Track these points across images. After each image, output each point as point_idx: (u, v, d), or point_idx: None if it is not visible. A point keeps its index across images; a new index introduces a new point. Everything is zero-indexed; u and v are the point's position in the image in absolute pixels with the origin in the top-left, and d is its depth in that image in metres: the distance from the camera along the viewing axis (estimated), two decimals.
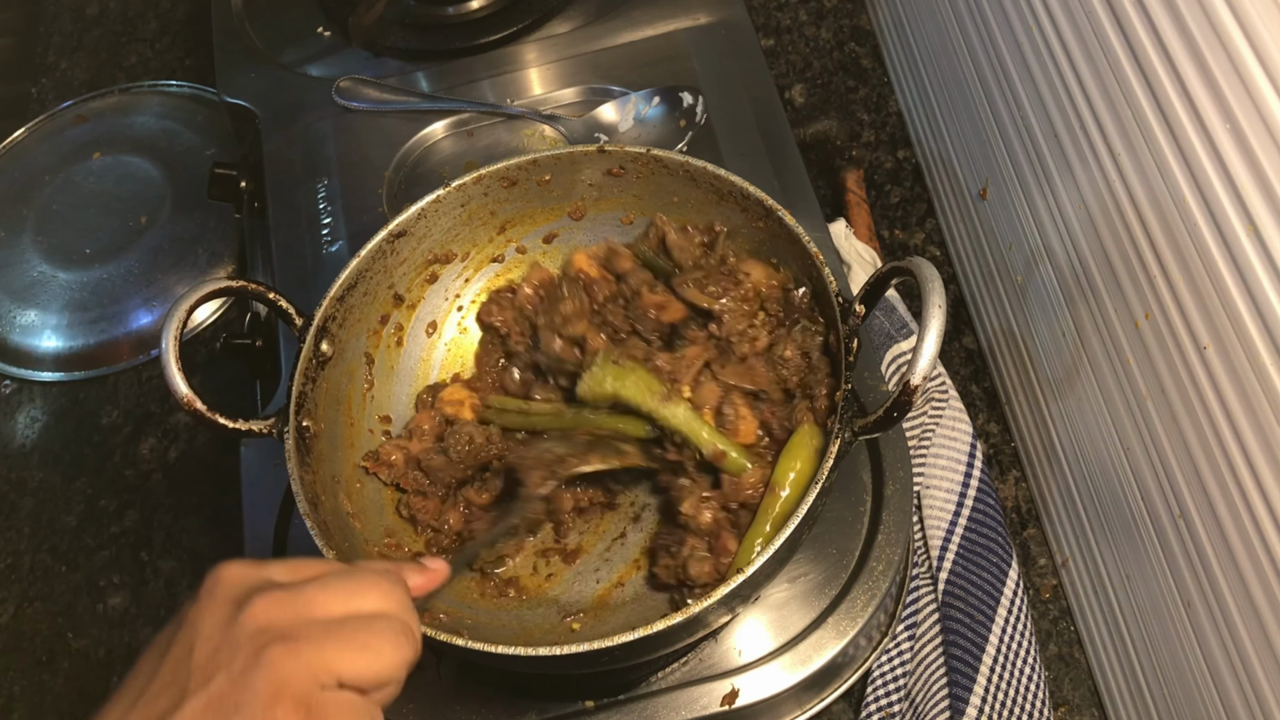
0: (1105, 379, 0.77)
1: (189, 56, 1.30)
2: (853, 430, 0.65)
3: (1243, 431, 0.60)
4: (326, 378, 0.74)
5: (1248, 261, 0.57)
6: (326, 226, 0.94)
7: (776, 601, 0.76)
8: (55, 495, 1.03)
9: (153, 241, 1.14)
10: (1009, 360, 0.95)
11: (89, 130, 1.23)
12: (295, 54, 1.07)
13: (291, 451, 0.69)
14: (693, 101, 0.95)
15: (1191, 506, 0.67)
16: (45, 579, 0.99)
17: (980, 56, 0.90)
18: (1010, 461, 0.97)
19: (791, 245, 0.74)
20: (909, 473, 0.79)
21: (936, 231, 1.08)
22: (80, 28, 1.35)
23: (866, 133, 1.15)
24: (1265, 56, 0.54)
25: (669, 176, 0.78)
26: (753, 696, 0.73)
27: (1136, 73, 0.65)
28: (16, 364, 1.10)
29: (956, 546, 0.87)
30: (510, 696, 0.74)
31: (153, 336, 1.09)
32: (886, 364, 0.93)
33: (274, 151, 1.00)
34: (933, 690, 0.83)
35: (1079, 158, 0.75)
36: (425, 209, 0.78)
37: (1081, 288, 0.78)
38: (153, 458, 1.05)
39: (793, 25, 1.23)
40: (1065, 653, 0.89)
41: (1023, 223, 0.87)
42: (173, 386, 0.67)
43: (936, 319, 0.60)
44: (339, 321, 0.75)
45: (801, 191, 0.91)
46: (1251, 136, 0.55)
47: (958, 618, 0.85)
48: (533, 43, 1.04)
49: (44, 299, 1.12)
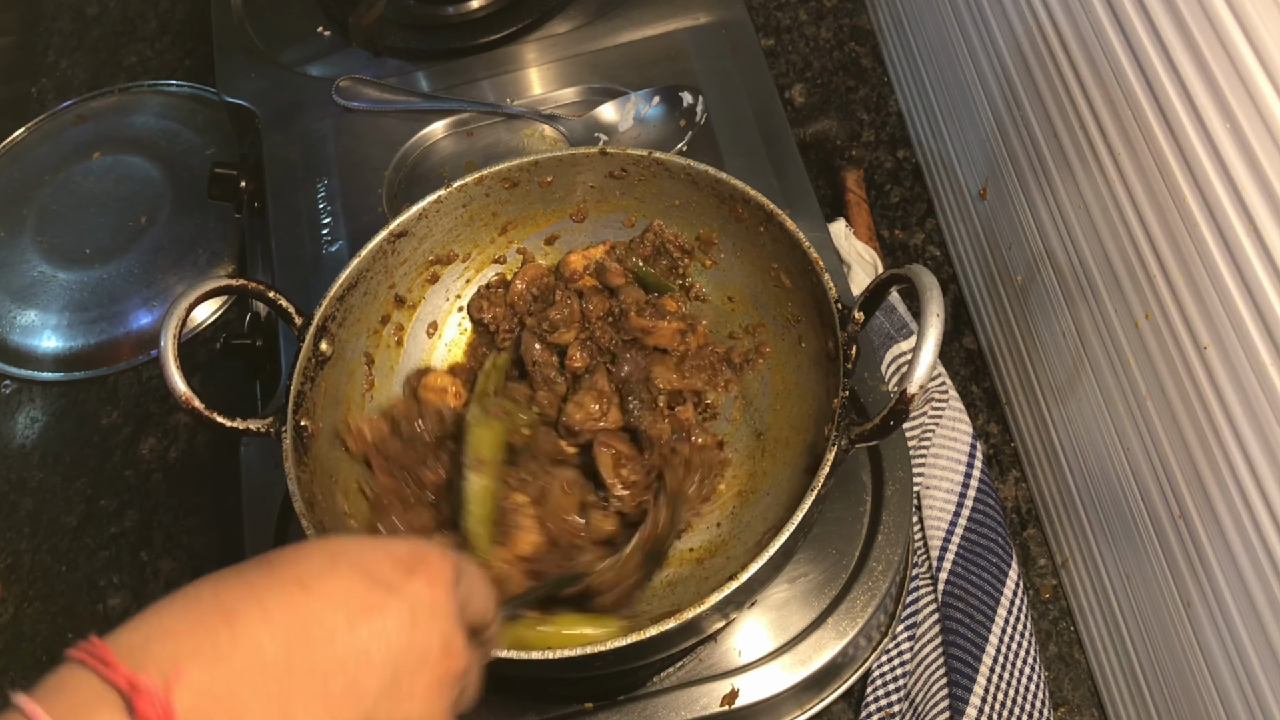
0: (1105, 379, 0.77)
1: (189, 56, 1.30)
2: (849, 438, 0.65)
3: (1243, 431, 0.60)
4: (325, 377, 0.74)
5: (1248, 261, 0.57)
6: (326, 226, 0.94)
7: (776, 602, 0.76)
8: (55, 495, 1.03)
9: (153, 241, 1.14)
10: (1009, 360, 0.95)
11: (89, 130, 1.23)
12: (295, 54, 1.07)
13: (289, 451, 0.69)
14: (693, 101, 0.95)
15: (1191, 506, 0.67)
16: (45, 579, 0.99)
17: (980, 56, 0.90)
18: (1010, 462, 0.97)
19: (791, 250, 0.74)
20: (909, 473, 0.78)
21: (936, 231, 1.08)
22: (80, 28, 1.35)
23: (866, 133, 1.15)
24: (1265, 56, 0.54)
25: (670, 179, 0.78)
26: (752, 697, 0.73)
27: (1136, 73, 0.65)
28: (16, 364, 1.10)
29: (956, 547, 0.87)
30: (510, 697, 0.74)
31: (153, 336, 1.09)
32: (886, 364, 0.93)
33: (274, 151, 1.00)
34: (933, 690, 0.83)
35: (1079, 158, 0.75)
36: (426, 209, 0.78)
37: (1081, 288, 0.78)
38: (153, 458, 1.05)
39: (793, 25, 1.22)
40: (1065, 653, 0.89)
41: (1023, 223, 0.87)
42: (171, 385, 0.67)
43: (934, 328, 0.60)
44: (339, 321, 0.75)
45: (801, 191, 0.91)
46: (1251, 136, 0.55)
47: (958, 618, 0.85)
48: (533, 42, 1.04)
49: (44, 299, 1.12)
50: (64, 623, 0.97)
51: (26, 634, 0.97)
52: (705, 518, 0.75)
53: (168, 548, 1.00)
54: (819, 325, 0.73)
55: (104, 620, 0.96)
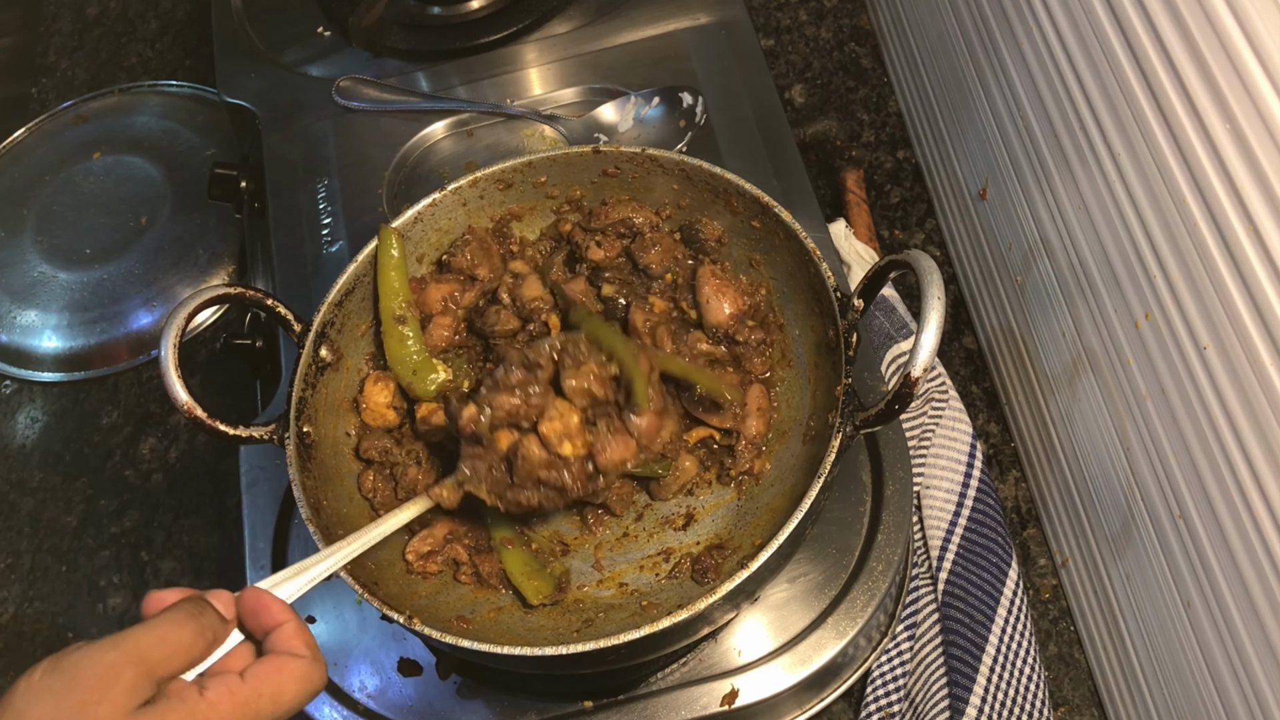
0: (1105, 379, 0.77)
1: (189, 56, 1.30)
2: (854, 424, 0.65)
3: (1243, 431, 0.60)
4: (326, 383, 0.74)
5: (1248, 261, 0.57)
6: (326, 227, 0.94)
7: (776, 601, 0.76)
8: (55, 495, 1.04)
9: (153, 242, 1.14)
10: (1009, 360, 0.95)
11: (89, 130, 1.23)
12: (295, 54, 1.07)
13: (293, 458, 0.68)
14: (692, 101, 0.95)
15: (1191, 506, 0.67)
16: (45, 579, 0.99)
17: (980, 56, 0.90)
18: (1010, 461, 0.97)
19: (789, 242, 0.74)
20: (909, 473, 0.79)
21: (936, 231, 1.08)
22: (80, 28, 1.35)
23: (866, 133, 1.15)
24: (1265, 56, 0.54)
25: (664, 175, 0.78)
26: (753, 696, 0.73)
27: (1136, 73, 0.65)
28: (16, 364, 1.10)
29: (956, 546, 0.87)
30: (510, 696, 0.74)
31: (153, 337, 1.09)
32: (886, 364, 0.93)
33: (274, 151, 1.00)
34: (933, 690, 0.83)
35: (1079, 158, 0.75)
36: (421, 213, 0.79)
37: (1081, 288, 0.78)
38: (153, 458, 1.05)
39: (793, 25, 1.23)
40: (1065, 653, 0.89)
41: (1023, 223, 0.87)
42: (172, 394, 0.66)
43: (936, 311, 0.60)
44: (337, 327, 0.75)
45: (801, 191, 0.91)
46: (1251, 136, 0.55)
47: (958, 618, 0.85)
48: (533, 43, 1.04)
49: (44, 299, 1.12)
50: (64, 623, 0.97)
51: (26, 634, 0.97)
52: (710, 511, 0.75)
53: (168, 548, 1.00)
54: (818, 314, 0.73)
55: (104, 620, 0.96)
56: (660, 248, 0.79)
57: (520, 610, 0.71)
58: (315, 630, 0.78)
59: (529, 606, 0.70)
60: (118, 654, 0.49)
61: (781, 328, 0.78)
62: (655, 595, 0.70)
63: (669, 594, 0.70)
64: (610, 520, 0.76)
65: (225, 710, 0.50)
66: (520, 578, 0.70)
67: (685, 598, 0.65)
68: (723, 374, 0.76)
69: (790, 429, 0.76)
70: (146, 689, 0.49)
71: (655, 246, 0.78)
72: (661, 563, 0.73)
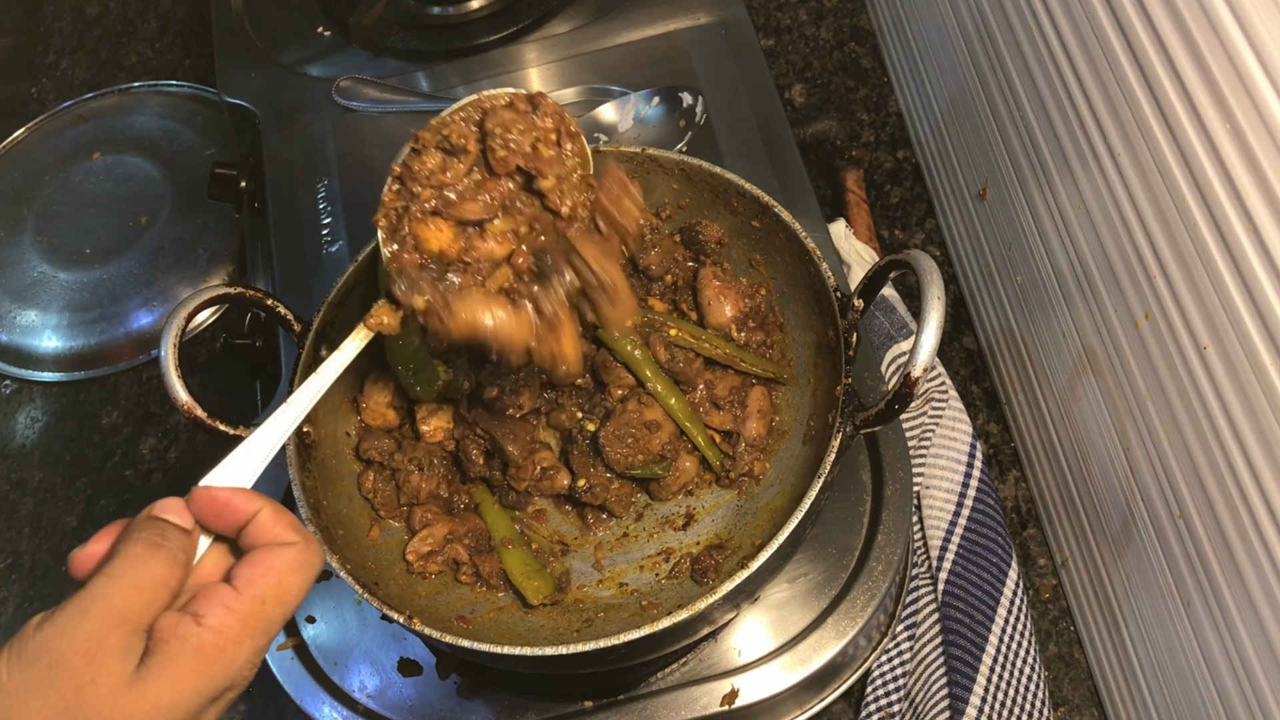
0: (1105, 379, 0.77)
1: (189, 56, 1.30)
2: (854, 424, 0.65)
3: (1243, 431, 0.60)
4: None
5: (1248, 261, 0.57)
6: (326, 226, 0.94)
7: (776, 601, 0.76)
8: (55, 495, 1.03)
9: (153, 241, 1.14)
10: (1009, 360, 0.95)
11: (89, 130, 1.23)
12: (295, 54, 1.07)
13: (293, 458, 0.69)
14: (692, 101, 0.95)
15: (1191, 506, 0.67)
16: (45, 579, 0.99)
17: (980, 56, 0.90)
18: (1010, 461, 0.97)
19: (789, 242, 0.74)
20: (909, 473, 0.79)
21: (936, 231, 1.08)
22: (80, 28, 1.35)
23: (866, 133, 1.15)
24: (1265, 56, 0.54)
25: (664, 175, 0.78)
26: (753, 696, 0.73)
27: (1136, 73, 0.65)
28: (16, 364, 1.10)
29: (956, 546, 0.87)
30: (510, 696, 0.74)
31: (153, 336, 1.09)
32: (886, 364, 0.93)
33: (274, 151, 1.00)
34: (933, 690, 0.83)
35: (1079, 158, 0.75)
36: None
37: (1081, 288, 0.78)
38: (153, 458, 1.05)
39: (793, 25, 1.22)
40: (1065, 653, 0.89)
41: (1022, 223, 0.87)
42: (173, 394, 0.67)
43: (936, 310, 0.60)
44: (337, 327, 0.75)
45: (801, 191, 0.91)
46: (1251, 136, 0.55)
47: (958, 618, 0.85)
48: (533, 43, 1.04)
49: (44, 299, 1.12)
50: None
51: None
52: (709, 511, 0.75)
53: None
54: (818, 315, 0.73)
55: None
56: (660, 249, 0.78)
57: (520, 610, 0.71)
58: (315, 630, 0.78)
59: (529, 606, 0.70)
60: (93, 619, 0.43)
61: (782, 328, 0.78)
62: (655, 595, 0.71)
63: (669, 594, 0.70)
64: (610, 520, 0.76)
65: (232, 631, 0.45)
66: (520, 578, 0.70)
67: (685, 598, 0.65)
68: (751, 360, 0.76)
69: (790, 429, 0.76)
70: (137, 645, 0.44)
71: (655, 248, 0.78)
72: (661, 563, 0.73)
